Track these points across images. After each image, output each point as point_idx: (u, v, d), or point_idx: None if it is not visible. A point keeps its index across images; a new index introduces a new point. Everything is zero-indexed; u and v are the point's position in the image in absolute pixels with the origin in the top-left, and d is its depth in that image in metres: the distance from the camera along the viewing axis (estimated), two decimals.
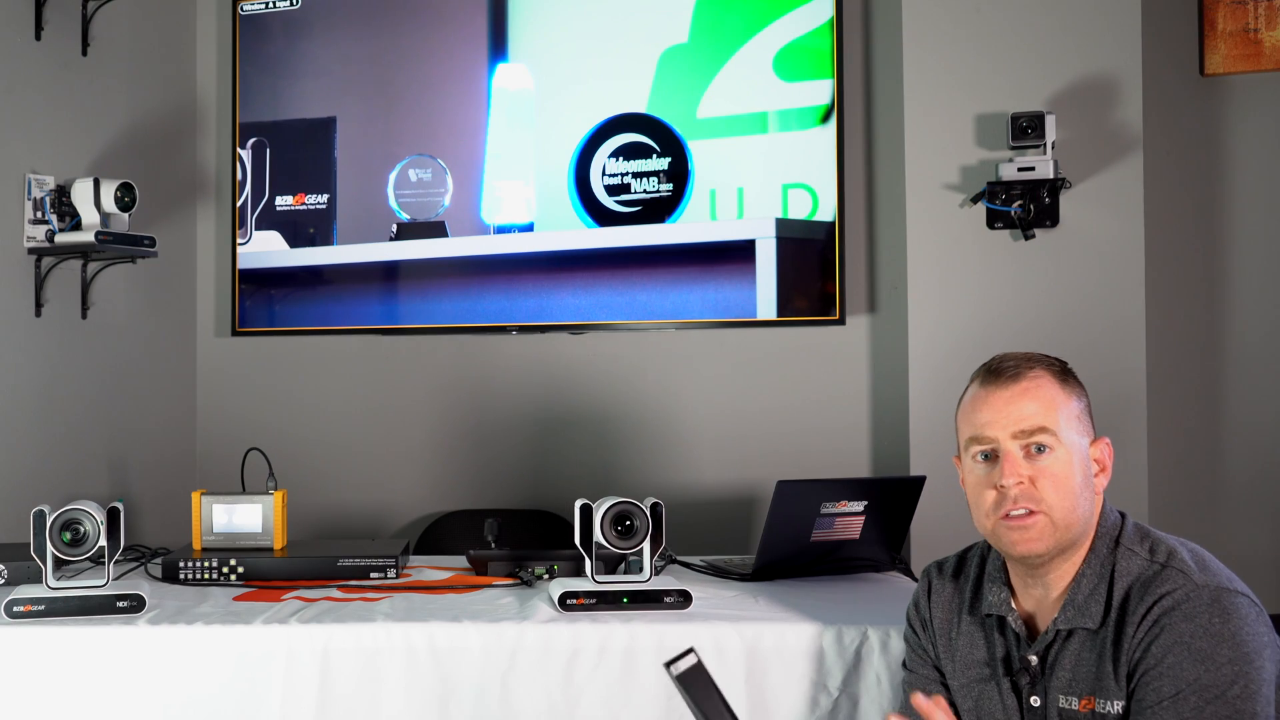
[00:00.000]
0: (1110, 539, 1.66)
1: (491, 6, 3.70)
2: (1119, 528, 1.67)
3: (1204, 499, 3.32)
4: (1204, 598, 1.55)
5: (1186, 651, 1.53)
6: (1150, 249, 3.17)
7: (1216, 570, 1.59)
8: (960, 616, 1.78)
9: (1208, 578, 1.57)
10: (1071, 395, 1.67)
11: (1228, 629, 1.53)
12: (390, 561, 2.46)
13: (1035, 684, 1.67)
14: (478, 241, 3.70)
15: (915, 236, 3.31)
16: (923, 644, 1.83)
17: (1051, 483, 1.62)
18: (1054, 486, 1.62)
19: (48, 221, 3.29)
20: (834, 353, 3.54)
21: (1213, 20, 3.31)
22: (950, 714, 1.65)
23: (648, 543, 2.19)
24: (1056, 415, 1.64)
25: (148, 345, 3.75)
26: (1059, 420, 1.64)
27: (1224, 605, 1.54)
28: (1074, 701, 1.63)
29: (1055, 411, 1.64)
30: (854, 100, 3.50)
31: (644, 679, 2.07)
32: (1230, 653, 1.52)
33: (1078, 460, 1.64)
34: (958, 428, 1.73)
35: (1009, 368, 1.67)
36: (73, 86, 3.46)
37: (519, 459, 3.79)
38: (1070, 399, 1.66)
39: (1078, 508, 1.63)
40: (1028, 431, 1.63)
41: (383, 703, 2.07)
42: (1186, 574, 1.57)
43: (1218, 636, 1.53)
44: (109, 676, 2.06)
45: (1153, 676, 1.55)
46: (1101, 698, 1.60)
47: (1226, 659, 1.52)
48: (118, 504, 2.18)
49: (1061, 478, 1.62)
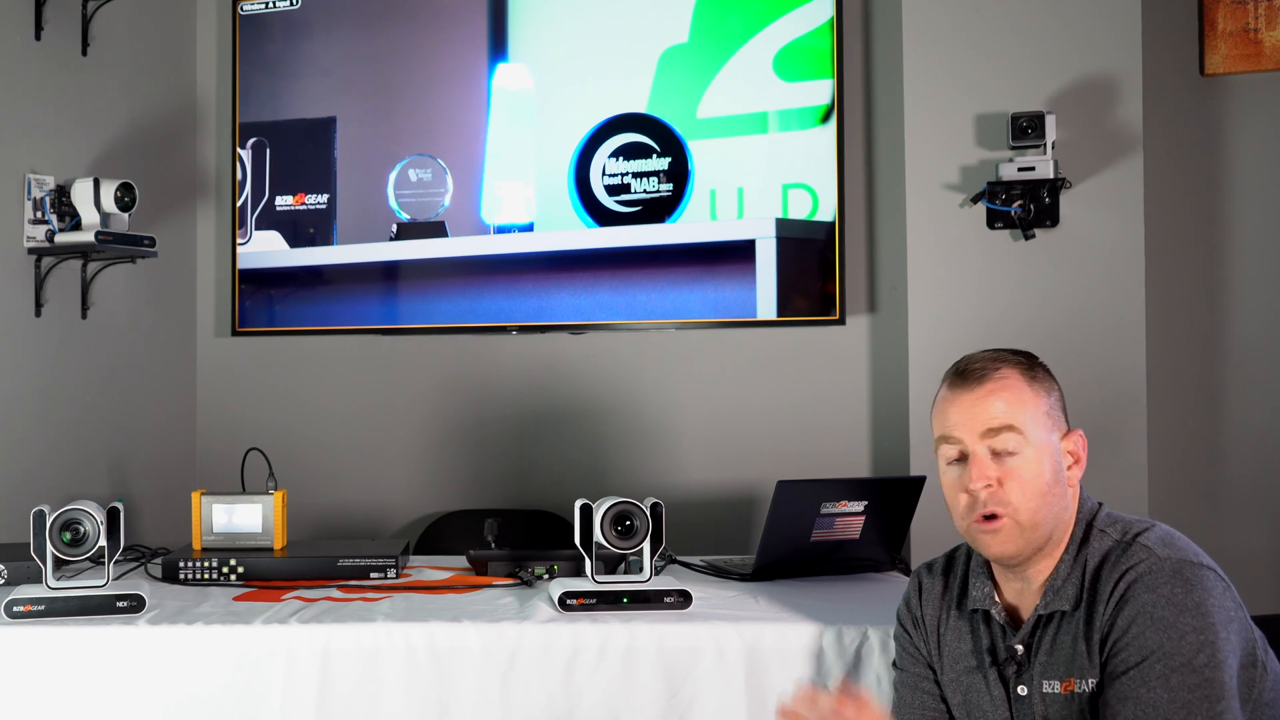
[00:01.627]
0: (1085, 525, 1.68)
1: (491, 6, 3.70)
2: (1093, 514, 1.69)
3: (1204, 499, 3.32)
4: (1166, 569, 1.56)
5: (1150, 620, 1.55)
6: (1150, 249, 3.17)
7: (1183, 546, 1.61)
8: (949, 612, 1.80)
9: (1171, 551, 1.59)
10: (1040, 391, 1.67)
11: (1191, 599, 1.54)
12: (390, 561, 2.46)
13: (1021, 673, 1.68)
14: (478, 241, 3.70)
15: (915, 236, 3.31)
16: (915, 643, 1.85)
17: (1019, 485, 1.63)
18: (1020, 489, 1.63)
19: (48, 221, 3.29)
20: (834, 353, 3.54)
21: (1213, 20, 3.32)
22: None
23: (648, 543, 2.19)
24: (1024, 414, 1.65)
25: (148, 345, 3.75)
26: (1026, 419, 1.64)
27: (1187, 576, 1.56)
28: (1055, 685, 1.64)
29: (1023, 410, 1.65)
30: (854, 100, 3.50)
31: (644, 679, 2.07)
32: (1194, 622, 1.53)
33: (1047, 458, 1.65)
34: (932, 427, 1.74)
35: (976, 369, 1.68)
36: (73, 86, 3.45)
37: (519, 459, 3.79)
38: (1039, 395, 1.67)
39: (1046, 507, 1.64)
40: (995, 430, 1.64)
41: (383, 703, 2.07)
42: (1150, 548, 1.59)
43: (1181, 606, 1.54)
44: (109, 676, 2.06)
45: (1120, 647, 1.57)
46: (1078, 677, 1.62)
47: (1190, 628, 1.53)
48: (118, 504, 2.18)
49: (1029, 479, 1.63)
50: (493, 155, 3.69)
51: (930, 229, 3.29)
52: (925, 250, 3.30)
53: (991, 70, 3.23)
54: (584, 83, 3.64)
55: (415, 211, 3.75)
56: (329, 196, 3.81)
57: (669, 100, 3.56)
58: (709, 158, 3.53)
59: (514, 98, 3.68)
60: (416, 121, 3.77)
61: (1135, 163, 3.15)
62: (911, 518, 2.55)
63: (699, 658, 2.07)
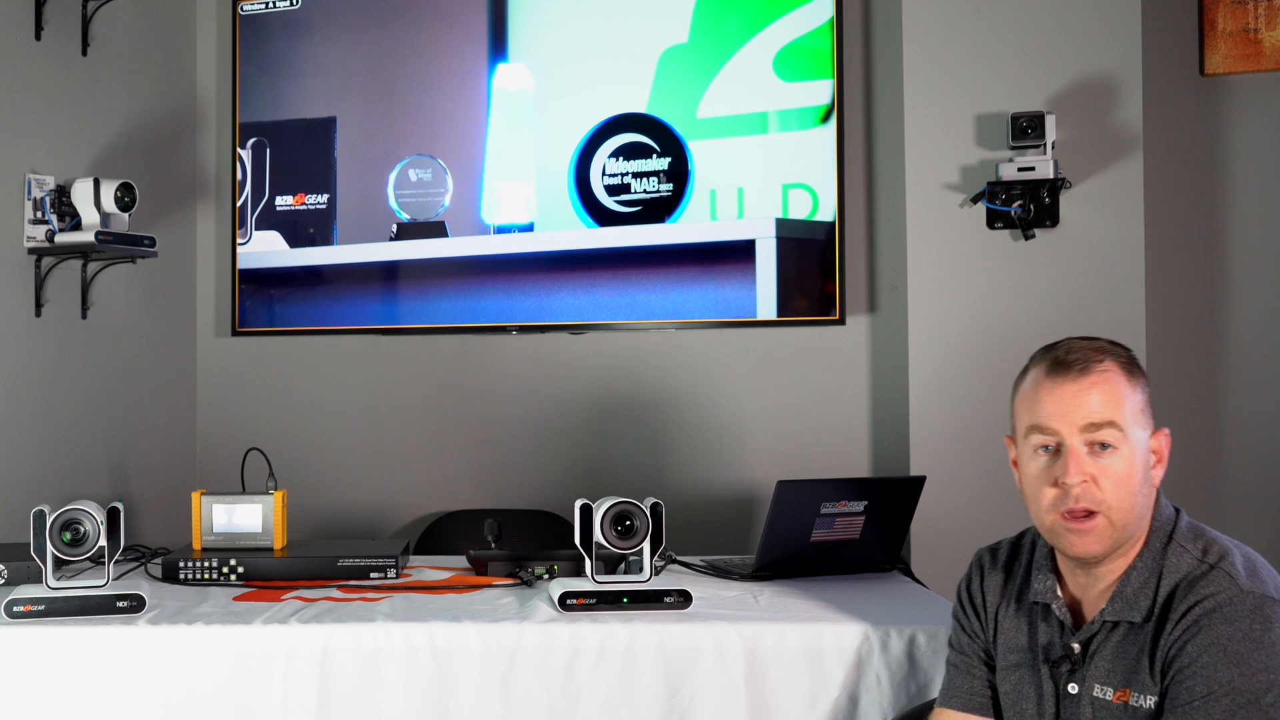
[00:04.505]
0: (1164, 534, 1.63)
1: (491, 6, 3.70)
2: (1173, 523, 1.65)
3: (1204, 499, 3.32)
4: (1247, 603, 1.52)
5: (1222, 653, 1.51)
6: (1150, 249, 3.17)
7: (1266, 578, 1.56)
8: (1010, 603, 1.76)
9: (1255, 584, 1.54)
10: (1137, 387, 1.62)
11: (1268, 637, 1.50)
12: (390, 561, 2.46)
13: (1075, 672, 1.65)
14: (478, 241, 3.70)
15: (915, 236, 3.31)
16: (972, 626, 1.81)
17: (1114, 483, 1.58)
18: (1116, 487, 1.58)
19: (48, 221, 3.29)
20: (834, 353, 3.54)
21: (1213, 20, 3.32)
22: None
23: (648, 543, 2.19)
24: (1123, 410, 1.59)
25: (148, 345, 3.75)
26: (1125, 415, 1.59)
27: (1266, 614, 1.52)
28: (1109, 692, 1.61)
29: (1122, 406, 1.59)
30: (854, 100, 3.50)
31: (644, 679, 2.07)
32: (1268, 660, 1.50)
33: (1140, 457, 1.60)
34: (1015, 411, 1.68)
35: (1078, 359, 1.62)
36: (73, 86, 3.45)
37: (519, 459, 3.79)
38: (1135, 391, 1.62)
39: (1136, 506, 1.60)
40: (1095, 425, 1.58)
41: (383, 703, 2.07)
42: (1234, 578, 1.55)
43: (1257, 642, 1.50)
44: (109, 676, 2.06)
45: (1186, 675, 1.53)
46: (1136, 690, 1.59)
47: (1263, 665, 1.49)
48: (118, 504, 2.18)
49: (1124, 477, 1.58)
50: (493, 155, 3.70)
51: (930, 229, 3.29)
52: (925, 250, 3.30)
53: (991, 70, 3.23)
54: (584, 83, 3.64)
55: (415, 211, 3.75)
56: (329, 196, 3.81)
57: (669, 100, 3.56)
58: (709, 158, 3.53)
59: (514, 98, 3.68)
60: (416, 121, 3.77)
61: (1135, 163, 3.15)
62: (911, 518, 2.55)
63: (699, 658, 2.07)
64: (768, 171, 3.48)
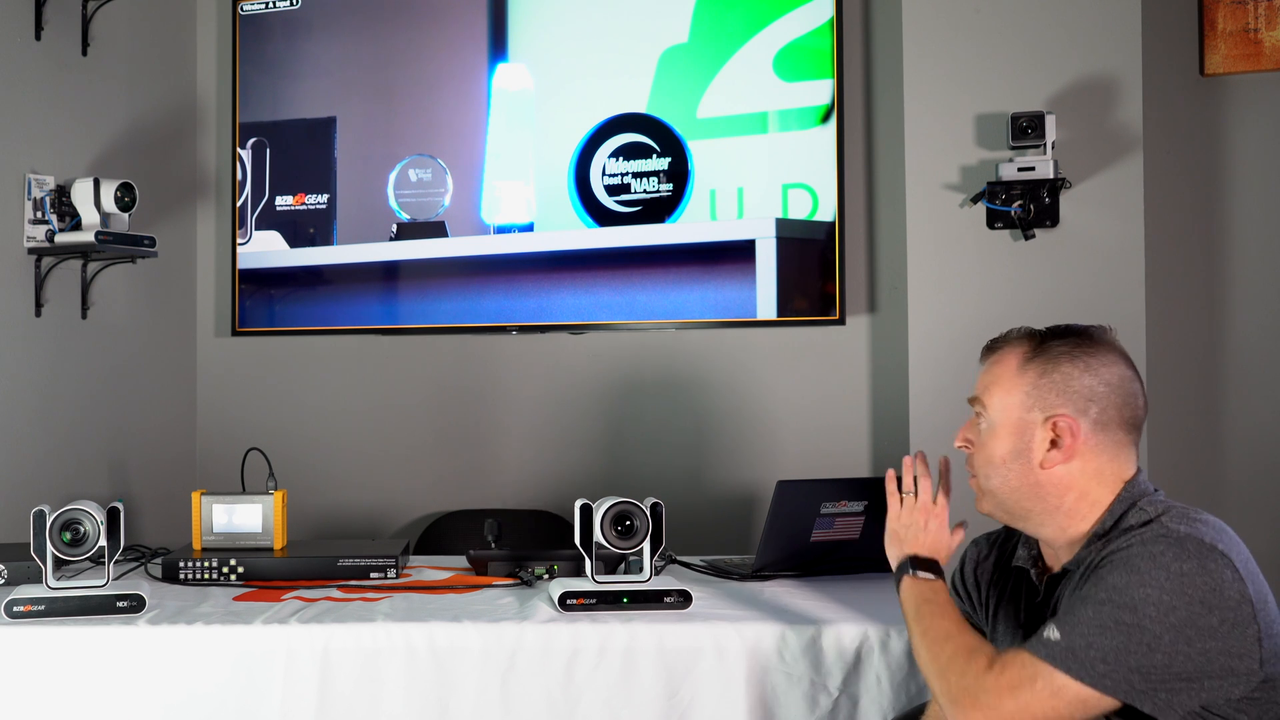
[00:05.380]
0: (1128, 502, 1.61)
1: (491, 6, 3.70)
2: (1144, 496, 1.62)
3: (1204, 499, 3.30)
4: (1171, 538, 1.49)
5: (1123, 563, 1.50)
6: (1150, 249, 3.16)
7: (1209, 533, 1.51)
8: (1001, 575, 1.83)
9: (1190, 529, 1.51)
10: (1030, 370, 1.67)
11: (1176, 566, 1.46)
12: (390, 561, 2.46)
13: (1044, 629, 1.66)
14: (478, 241, 3.70)
15: (915, 236, 3.31)
16: (964, 609, 1.87)
17: (981, 452, 1.71)
18: (980, 455, 1.72)
19: (48, 221, 3.29)
20: (834, 353, 3.54)
21: (1213, 20, 3.31)
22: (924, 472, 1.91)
23: (648, 543, 2.19)
24: (998, 389, 1.69)
25: (148, 345, 3.75)
26: (998, 394, 1.69)
27: (1187, 548, 1.48)
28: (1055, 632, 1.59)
29: (997, 385, 1.70)
30: (854, 100, 3.50)
31: (644, 679, 2.07)
32: (1165, 582, 1.46)
33: (1009, 435, 1.67)
34: None
35: (992, 344, 1.76)
36: (73, 86, 3.45)
37: (519, 459, 3.79)
38: (1025, 374, 1.67)
39: (1009, 479, 1.67)
40: (973, 400, 1.74)
41: (383, 703, 2.07)
42: (1167, 526, 1.53)
43: (1160, 564, 1.47)
44: (109, 676, 2.07)
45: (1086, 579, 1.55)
46: None
47: (1157, 584, 1.46)
48: (118, 504, 2.18)
49: (985, 448, 1.70)
50: (493, 155, 3.70)
51: (930, 229, 3.29)
52: (925, 250, 3.30)
53: (991, 70, 3.23)
54: (584, 83, 3.64)
55: (415, 211, 3.75)
56: (329, 196, 3.81)
57: (669, 100, 3.56)
58: (709, 158, 3.53)
59: (514, 98, 3.68)
60: (416, 121, 3.77)
61: (1135, 163, 3.15)
62: None
63: (699, 658, 2.07)
64: (768, 171, 3.48)
